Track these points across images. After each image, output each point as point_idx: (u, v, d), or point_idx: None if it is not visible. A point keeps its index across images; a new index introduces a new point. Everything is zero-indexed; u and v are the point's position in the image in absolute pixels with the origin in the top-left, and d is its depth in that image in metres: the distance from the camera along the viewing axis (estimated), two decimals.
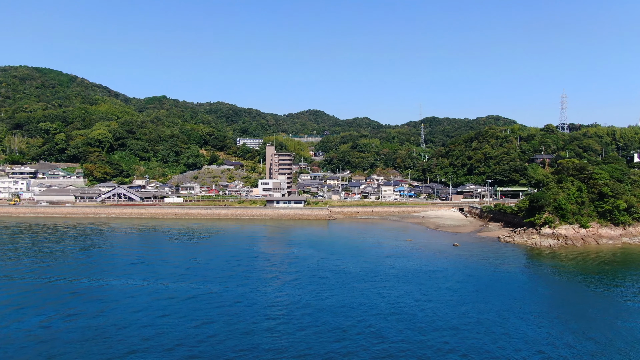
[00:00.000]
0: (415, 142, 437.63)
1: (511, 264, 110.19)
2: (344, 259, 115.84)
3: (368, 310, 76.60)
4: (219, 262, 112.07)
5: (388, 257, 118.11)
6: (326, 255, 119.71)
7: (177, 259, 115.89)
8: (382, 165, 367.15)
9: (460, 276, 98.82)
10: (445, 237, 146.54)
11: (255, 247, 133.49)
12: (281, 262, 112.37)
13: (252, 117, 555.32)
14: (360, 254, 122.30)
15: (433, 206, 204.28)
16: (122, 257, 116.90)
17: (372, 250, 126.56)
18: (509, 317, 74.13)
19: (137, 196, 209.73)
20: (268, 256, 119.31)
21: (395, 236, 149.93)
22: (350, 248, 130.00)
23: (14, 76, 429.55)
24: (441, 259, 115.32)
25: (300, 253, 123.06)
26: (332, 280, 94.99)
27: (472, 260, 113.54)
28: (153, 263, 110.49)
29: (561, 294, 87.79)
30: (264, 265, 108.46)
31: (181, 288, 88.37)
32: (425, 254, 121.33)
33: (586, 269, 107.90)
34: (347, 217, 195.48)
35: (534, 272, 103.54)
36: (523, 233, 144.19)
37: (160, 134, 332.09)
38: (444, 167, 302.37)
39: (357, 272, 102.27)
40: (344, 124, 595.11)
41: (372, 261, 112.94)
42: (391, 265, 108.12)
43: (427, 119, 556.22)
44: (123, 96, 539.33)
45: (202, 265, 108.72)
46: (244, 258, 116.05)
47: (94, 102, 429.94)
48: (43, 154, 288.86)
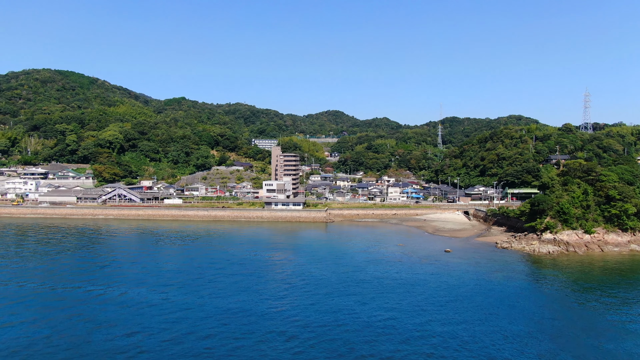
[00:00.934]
0: (432, 143, 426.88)
1: (501, 273, 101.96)
2: (323, 265, 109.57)
3: (310, 321, 70.47)
4: (188, 267, 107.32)
5: (370, 263, 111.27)
6: (305, 261, 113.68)
7: (148, 263, 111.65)
8: (396, 166, 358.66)
9: (438, 285, 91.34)
10: (439, 242, 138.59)
11: (235, 251, 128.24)
12: (253, 268, 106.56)
13: (270, 118, 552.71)
14: (342, 260, 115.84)
15: (437, 209, 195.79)
16: (86, 262, 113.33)
17: (357, 256, 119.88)
18: (474, 332, 66.87)
19: (137, 197, 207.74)
20: (243, 261, 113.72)
21: (388, 240, 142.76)
22: (334, 253, 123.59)
23: (36, 79, 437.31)
24: (426, 266, 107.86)
25: (278, 258, 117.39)
26: (296, 289, 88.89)
27: (458, 268, 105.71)
28: (117, 268, 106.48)
29: (545, 308, 79.38)
30: (235, 271, 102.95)
31: (129, 293, 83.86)
32: (410, 261, 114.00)
33: (583, 279, 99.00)
34: (346, 219, 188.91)
35: (522, 282, 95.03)
36: (523, 238, 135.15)
37: (172, 134, 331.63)
38: (457, 168, 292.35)
39: (329, 280, 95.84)
40: (362, 124, 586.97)
41: (352, 268, 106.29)
42: (369, 274, 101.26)
43: (447, 119, 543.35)
44: (143, 98, 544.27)
45: (166, 270, 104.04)
46: (217, 263, 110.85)
47: (112, 104, 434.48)
48: (55, 155, 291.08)
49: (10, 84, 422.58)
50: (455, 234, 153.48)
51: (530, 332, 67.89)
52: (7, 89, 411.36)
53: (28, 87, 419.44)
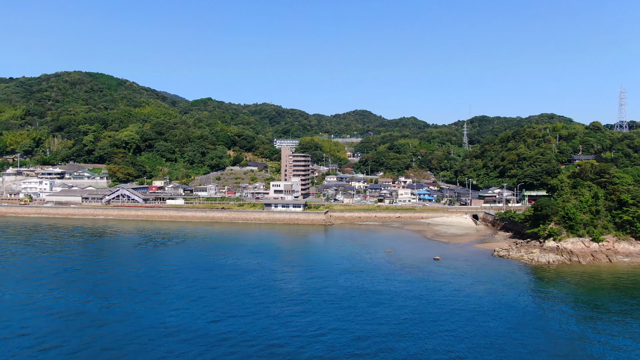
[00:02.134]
0: (457, 143, 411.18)
1: (484, 286, 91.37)
2: (294, 273, 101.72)
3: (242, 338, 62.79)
4: (148, 273, 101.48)
5: (346, 272, 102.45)
6: (278, 268, 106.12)
7: (108, 268, 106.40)
8: (417, 166, 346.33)
9: (407, 300, 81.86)
10: (432, 249, 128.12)
11: (210, 255, 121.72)
12: (215, 276, 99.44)
13: (295, 118, 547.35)
14: (320, 267, 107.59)
15: (444, 212, 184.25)
16: (47, 264, 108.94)
17: (335, 264, 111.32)
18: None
19: (140, 198, 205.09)
20: (212, 267, 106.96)
21: (379, 245, 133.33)
22: (313, 260, 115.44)
23: (66, 81, 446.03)
24: (403, 276, 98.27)
25: (250, 264, 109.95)
26: (250, 300, 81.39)
27: (439, 279, 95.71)
28: (76, 271, 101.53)
29: (516, 332, 69.09)
30: (195, 277, 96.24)
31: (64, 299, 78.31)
32: (390, 269, 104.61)
33: (580, 294, 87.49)
34: (347, 222, 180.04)
35: (503, 298, 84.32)
36: (523, 246, 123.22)
37: (190, 135, 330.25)
38: (477, 168, 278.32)
39: (291, 291, 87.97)
40: (389, 124, 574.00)
41: (322, 277, 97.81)
42: (335, 284, 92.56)
43: (476, 118, 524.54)
44: (170, 99, 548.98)
45: (124, 275, 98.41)
46: (182, 269, 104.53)
47: (138, 105, 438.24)
48: (73, 155, 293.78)
49: (41, 86, 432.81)
50: (454, 239, 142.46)
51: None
52: (38, 91, 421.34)
53: (57, 89, 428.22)
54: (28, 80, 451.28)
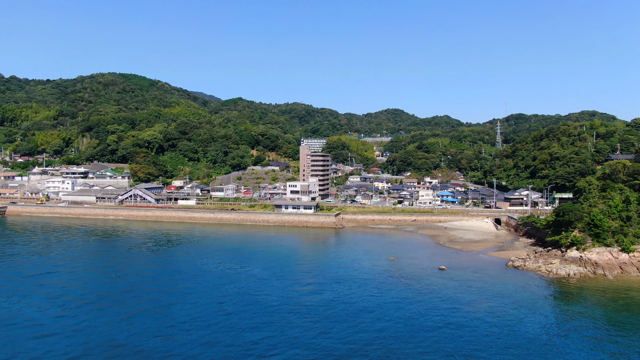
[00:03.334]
0: (490, 142, 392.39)
1: (487, 304, 79.79)
2: (280, 282, 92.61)
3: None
4: (125, 279, 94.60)
5: (337, 282, 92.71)
6: (265, 276, 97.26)
7: (94, 273, 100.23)
8: (445, 166, 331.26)
9: (391, 321, 71.54)
10: (441, 257, 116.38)
11: (202, 261, 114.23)
12: (196, 283, 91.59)
13: (325, 117, 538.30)
14: (311, 275, 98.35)
15: (465, 215, 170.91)
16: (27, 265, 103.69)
17: (331, 271, 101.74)
18: None
19: (152, 198, 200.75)
20: (196, 274, 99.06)
21: (386, 251, 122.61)
22: (308, 267, 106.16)
23: (99, 82, 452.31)
24: (398, 289, 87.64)
25: (237, 272, 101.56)
26: (216, 312, 73.00)
27: (437, 294, 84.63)
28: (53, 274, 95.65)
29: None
30: (168, 287, 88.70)
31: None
32: (387, 281, 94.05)
33: (604, 314, 75.02)
34: (359, 225, 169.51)
35: (506, 320, 72.64)
36: (542, 255, 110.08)
37: (214, 134, 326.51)
38: (507, 169, 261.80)
39: (264, 303, 79.02)
40: (422, 122, 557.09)
41: (309, 288, 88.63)
42: (321, 296, 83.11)
43: (512, 116, 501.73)
44: (202, 99, 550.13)
45: (90, 282, 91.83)
46: (160, 276, 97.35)
47: (168, 105, 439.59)
48: (97, 154, 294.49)
49: (76, 88, 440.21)
50: (469, 246, 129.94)
51: None
52: (72, 92, 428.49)
53: (90, 90, 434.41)
54: (64, 82, 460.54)
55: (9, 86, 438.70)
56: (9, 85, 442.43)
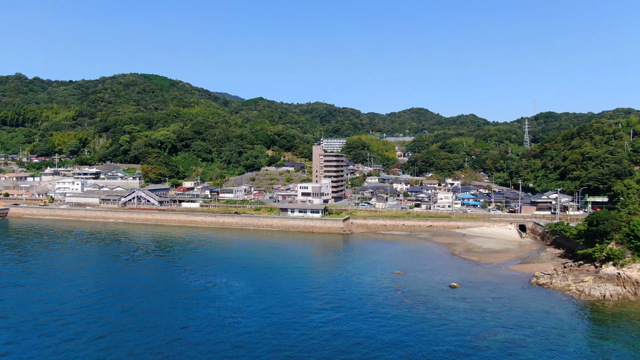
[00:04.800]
0: (517, 141, 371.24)
1: (503, 335, 64.91)
2: (261, 303, 79.45)
3: None
4: (94, 291, 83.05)
5: (329, 302, 79.19)
6: (250, 293, 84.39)
7: (63, 283, 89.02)
8: (469, 167, 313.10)
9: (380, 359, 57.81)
10: (455, 270, 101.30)
11: (185, 272, 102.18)
12: (165, 299, 79.33)
13: (346, 117, 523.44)
14: (299, 294, 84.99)
15: (486, 220, 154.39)
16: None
17: (324, 289, 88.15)
18: None
19: (155, 200, 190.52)
20: (171, 288, 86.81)
21: (393, 262, 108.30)
22: (299, 283, 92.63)
23: (120, 82, 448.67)
24: (397, 314, 73.38)
25: (218, 287, 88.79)
26: (175, 344, 60.42)
27: (443, 321, 70.12)
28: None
29: None
30: (131, 299, 76.67)
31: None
32: (386, 301, 79.88)
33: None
34: (370, 231, 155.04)
35: (527, 358, 58.00)
36: (573, 271, 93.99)
37: (229, 134, 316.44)
38: (534, 169, 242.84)
39: (236, 331, 66.03)
40: (446, 122, 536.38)
41: (292, 310, 75.30)
42: (303, 322, 69.70)
43: (541, 115, 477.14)
44: (223, 99, 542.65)
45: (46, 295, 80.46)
46: (128, 291, 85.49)
47: (187, 105, 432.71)
48: (109, 155, 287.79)
49: (97, 88, 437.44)
50: (488, 257, 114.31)
51: None
52: (92, 93, 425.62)
53: (111, 91, 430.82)
54: (86, 83, 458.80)
55: (31, 87, 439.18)
56: (32, 86, 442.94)
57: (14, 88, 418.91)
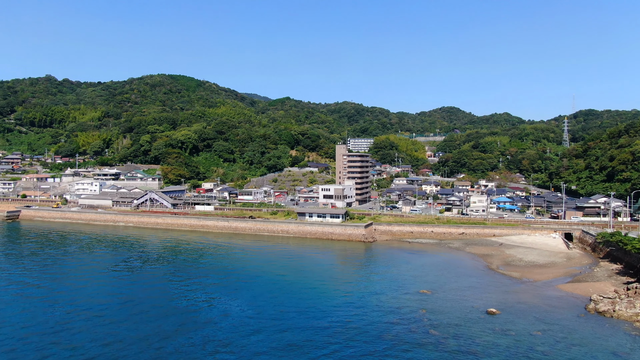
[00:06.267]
0: (556, 140, 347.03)
1: None
2: (255, 334, 65.39)
3: None
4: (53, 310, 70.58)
5: (330, 336, 64.28)
6: (246, 317, 70.33)
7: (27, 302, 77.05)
8: (504, 167, 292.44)
9: None
10: (492, 289, 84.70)
11: (176, 286, 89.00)
12: (130, 330, 66.13)
13: (375, 116, 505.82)
14: (304, 319, 70.46)
15: (525, 228, 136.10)
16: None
17: (334, 313, 73.23)
18: None
19: (168, 202, 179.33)
20: (154, 306, 73.67)
21: (419, 279, 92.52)
22: (309, 304, 78.02)
23: (146, 83, 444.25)
24: (422, 354, 58.04)
25: (210, 308, 75.09)
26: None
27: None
28: None
29: None
30: (99, 321, 63.65)
31: None
32: (410, 332, 64.37)
33: None
34: (395, 238, 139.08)
35: None
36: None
37: (252, 134, 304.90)
38: (577, 170, 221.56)
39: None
40: (479, 120, 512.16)
41: (287, 342, 60.82)
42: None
43: (580, 112, 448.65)
44: (250, 99, 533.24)
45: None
46: (106, 310, 72.47)
47: (213, 105, 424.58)
48: (130, 155, 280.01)
49: (124, 89, 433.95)
50: (531, 272, 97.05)
51: None
52: (119, 94, 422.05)
53: (137, 92, 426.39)
54: (114, 84, 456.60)
55: (60, 89, 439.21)
56: (61, 87, 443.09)
57: (44, 90, 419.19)
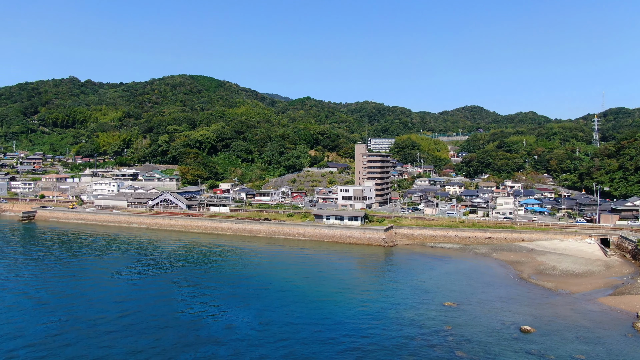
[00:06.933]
0: (585, 139, 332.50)
1: None
2: (255, 348, 58.87)
3: None
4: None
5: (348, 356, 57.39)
6: (250, 331, 63.90)
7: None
8: (531, 168, 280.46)
9: None
10: (526, 302, 76.38)
11: (179, 293, 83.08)
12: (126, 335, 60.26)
13: (396, 116, 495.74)
14: (312, 332, 63.72)
15: (558, 233, 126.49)
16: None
17: (347, 328, 66.19)
18: None
19: (183, 204, 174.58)
20: (148, 325, 67.77)
21: (444, 289, 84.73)
22: (320, 317, 71.18)
23: (167, 84, 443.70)
24: None
25: (215, 322, 68.80)
26: None
27: None
28: None
29: None
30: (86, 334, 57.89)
31: None
32: (433, 356, 57.07)
33: None
34: (416, 242, 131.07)
35: None
36: None
37: (271, 134, 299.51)
38: (610, 171, 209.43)
39: None
40: (503, 120, 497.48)
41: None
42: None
43: (610, 111, 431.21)
44: (270, 99, 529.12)
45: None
46: (102, 325, 66.85)
47: (233, 105, 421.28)
48: (148, 155, 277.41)
49: (145, 90, 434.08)
50: (566, 283, 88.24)
51: None
52: (140, 94, 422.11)
53: (158, 92, 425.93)
54: (135, 85, 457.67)
55: (83, 90, 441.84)
56: (84, 88, 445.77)
57: (67, 91, 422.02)
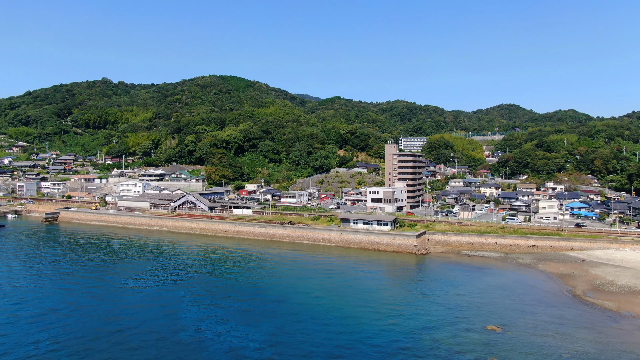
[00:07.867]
0: (631, 138, 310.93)
1: None
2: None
3: None
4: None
5: None
6: (253, 358, 54.76)
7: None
8: (573, 168, 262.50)
9: None
10: (584, 326, 64.42)
11: (187, 308, 74.61)
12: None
13: (428, 115, 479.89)
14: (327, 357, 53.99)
15: (612, 241, 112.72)
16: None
17: (368, 356, 56.29)
18: None
19: (205, 205, 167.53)
20: (141, 341, 59.39)
21: (485, 308, 73.54)
22: (339, 342, 61.40)
23: (197, 84, 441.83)
24: None
25: (220, 343, 59.86)
26: None
27: None
28: None
29: None
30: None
31: None
32: None
33: None
34: (451, 250, 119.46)
35: None
36: None
37: (299, 133, 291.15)
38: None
39: None
40: (541, 118, 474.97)
41: None
42: None
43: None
44: (300, 99, 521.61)
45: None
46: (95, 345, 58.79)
47: (262, 105, 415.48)
48: (175, 155, 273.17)
49: (175, 90, 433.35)
50: (631, 302, 75.51)
51: None
52: (171, 95, 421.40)
53: (188, 93, 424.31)
54: (166, 86, 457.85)
55: (115, 91, 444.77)
56: (116, 90, 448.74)
57: (100, 92, 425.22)
